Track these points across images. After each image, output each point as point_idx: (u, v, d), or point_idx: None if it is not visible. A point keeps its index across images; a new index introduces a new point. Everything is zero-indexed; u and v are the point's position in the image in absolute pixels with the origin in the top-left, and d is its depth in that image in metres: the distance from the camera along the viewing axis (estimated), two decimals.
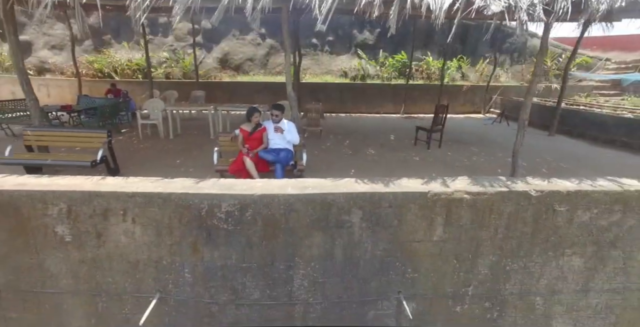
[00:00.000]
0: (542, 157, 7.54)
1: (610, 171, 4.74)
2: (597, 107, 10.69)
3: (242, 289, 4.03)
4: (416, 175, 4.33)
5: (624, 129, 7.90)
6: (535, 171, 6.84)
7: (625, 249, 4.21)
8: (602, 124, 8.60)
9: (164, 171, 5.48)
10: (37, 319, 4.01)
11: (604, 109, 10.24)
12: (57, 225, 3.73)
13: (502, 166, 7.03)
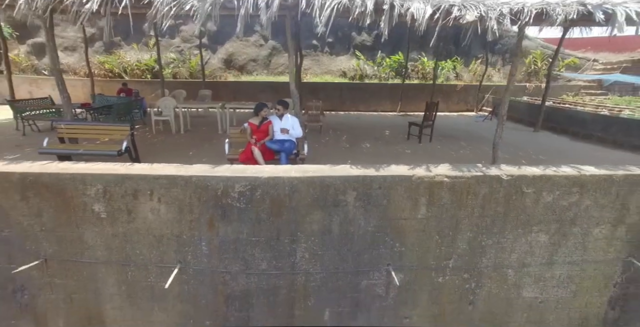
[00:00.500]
0: (524, 150, 8.09)
1: (579, 162, 5.28)
2: (581, 106, 11.23)
3: (252, 260, 4.60)
4: (405, 164, 4.90)
5: (600, 125, 8.45)
6: (515, 162, 7.38)
7: (582, 226, 4.78)
8: (582, 121, 9.16)
9: (179, 161, 6.05)
10: (76, 285, 4.58)
11: (587, 107, 10.79)
12: (94, 203, 4.30)
13: (485, 158, 7.57)
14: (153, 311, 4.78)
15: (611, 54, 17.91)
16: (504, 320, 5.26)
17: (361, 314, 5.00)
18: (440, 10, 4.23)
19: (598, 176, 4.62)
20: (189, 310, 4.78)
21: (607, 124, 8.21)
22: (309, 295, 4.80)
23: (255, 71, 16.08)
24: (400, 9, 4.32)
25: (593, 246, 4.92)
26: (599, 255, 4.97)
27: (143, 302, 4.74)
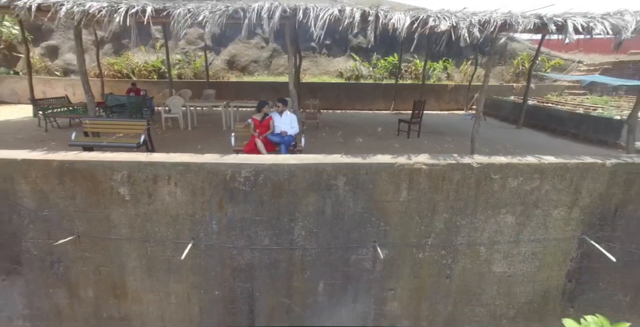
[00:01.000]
0: (503, 145, 8.72)
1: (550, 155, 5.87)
2: (562, 105, 11.85)
3: (255, 237, 5.23)
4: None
5: (575, 122, 9.07)
6: (493, 156, 8.04)
7: (543, 208, 5.41)
8: (560, 118, 9.77)
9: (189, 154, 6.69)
10: (104, 259, 5.22)
11: (566, 106, 11.40)
12: (120, 187, 4.93)
13: (466, 151, 8.07)
14: (169, 282, 5.41)
15: (600, 55, 18.57)
16: (477, 292, 5.89)
17: (351, 286, 5.63)
18: (418, 20, 4.86)
19: (555, 163, 5.26)
20: (200, 281, 5.41)
21: (580, 122, 8.83)
22: (305, 268, 5.44)
23: (256, 72, 16.69)
24: (384, 19, 4.95)
25: (553, 226, 5.55)
26: (558, 233, 5.60)
27: (160, 274, 5.37)
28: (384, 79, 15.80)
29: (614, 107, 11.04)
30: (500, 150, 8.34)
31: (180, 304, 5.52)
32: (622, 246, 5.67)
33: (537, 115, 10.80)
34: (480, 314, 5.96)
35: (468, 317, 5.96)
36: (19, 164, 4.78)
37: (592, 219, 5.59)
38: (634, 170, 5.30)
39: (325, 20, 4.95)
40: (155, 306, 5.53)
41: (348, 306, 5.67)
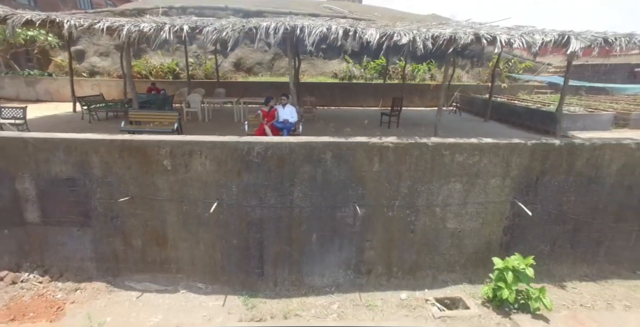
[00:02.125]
0: (467, 134, 10.18)
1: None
2: (525, 102, 13.34)
3: (264, 198, 6.73)
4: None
5: (528, 116, 10.52)
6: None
7: (483, 178, 6.91)
8: (518, 113, 11.24)
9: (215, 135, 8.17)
10: (150, 215, 6.72)
11: (527, 103, 12.88)
12: (164, 160, 6.43)
13: None
14: (199, 233, 6.91)
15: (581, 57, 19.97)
16: (435, 244, 7.38)
17: (337, 237, 7.13)
18: (385, 35, 6.34)
19: (490, 143, 6.77)
20: (223, 232, 6.91)
21: (533, 115, 10.29)
22: (302, 223, 6.94)
23: (260, 73, 18.13)
24: (360, 34, 6.44)
25: (491, 192, 7.06)
26: (495, 198, 7.11)
27: (192, 227, 6.87)
28: (374, 79, 17.28)
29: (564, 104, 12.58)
30: (463, 137, 9.85)
31: (207, 251, 7.02)
32: (543, 207, 7.20)
33: (502, 110, 12.29)
34: (438, 261, 7.45)
35: (429, 264, 7.45)
36: (92, 143, 6.29)
37: (520, 186, 7.10)
38: (547, 148, 6.83)
39: (316, 35, 6.45)
40: (187, 252, 7.03)
41: (335, 253, 7.18)
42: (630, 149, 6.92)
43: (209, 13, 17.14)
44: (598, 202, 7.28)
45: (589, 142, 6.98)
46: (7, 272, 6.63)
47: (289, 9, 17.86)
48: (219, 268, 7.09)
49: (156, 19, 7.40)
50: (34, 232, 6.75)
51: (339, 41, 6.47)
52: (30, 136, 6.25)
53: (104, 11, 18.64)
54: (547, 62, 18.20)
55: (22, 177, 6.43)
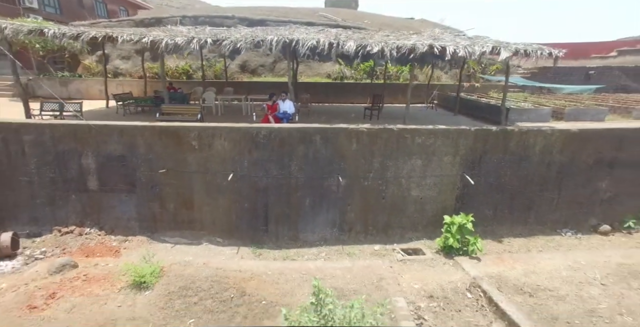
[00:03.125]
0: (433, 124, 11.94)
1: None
2: (489, 99, 15.05)
3: (269, 170, 8.48)
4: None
5: (487, 110, 12.21)
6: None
7: (438, 156, 8.65)
8: (481, 107, 12.94)
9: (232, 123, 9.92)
10: (181, 184, 8.45)
11: (491, 100, 14.60)
12: (192, 141, 8.17)
13: None
14: (218, 198, 8.66)
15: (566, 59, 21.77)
16: (402, 208, 9.13)
17: (325, 202, 8.87)
18: (360, 46, 8.09)
19: (443, 129, 8.52)
20: (237, 197, 8.66)
21: (491, 109, 11.98)
22: (298, 190, 8.69)
23: (263, 74, 19.77)
24: (342, 45, 8.19)
25: (445, 166, 8.81)
26: (448, 171, 8.87)
27: (213, 193, 8.62)
28: (363, 79, 18.98)
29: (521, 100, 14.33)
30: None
31: (224, 212, 8.77)
32: (485, 179, 8.95)
33: (468, 105, 14.00)
34: (405, 222, 9.19)
35: (397, 224, 9.19)
36: (138, 128, 8.04)
37: (467, 162, 8.86)
38: (487, 133, 8.59)
39: (307, 47, 8.19)
40: (209, 214, 8.78)
41: (323, 214, 8.94)
42: (547, 134, 8.70)
43: (218, 21, 18.81)
44: (527, 175, 9.05)
45: (517, 129, 8.77)
46: (75, 227, 8.38)
47: (288, 18, 19.53)
48: (234, 226, 8.84)
49: (185, 33, 9.15)
50: (93, 198, 8.50)
51: (326, 51, 8.21)
52: (93, 123, 8.00)
53: (124, 20, 20.30)
54: (516, 65, 19.92)
55: (86, 155, 8.17)
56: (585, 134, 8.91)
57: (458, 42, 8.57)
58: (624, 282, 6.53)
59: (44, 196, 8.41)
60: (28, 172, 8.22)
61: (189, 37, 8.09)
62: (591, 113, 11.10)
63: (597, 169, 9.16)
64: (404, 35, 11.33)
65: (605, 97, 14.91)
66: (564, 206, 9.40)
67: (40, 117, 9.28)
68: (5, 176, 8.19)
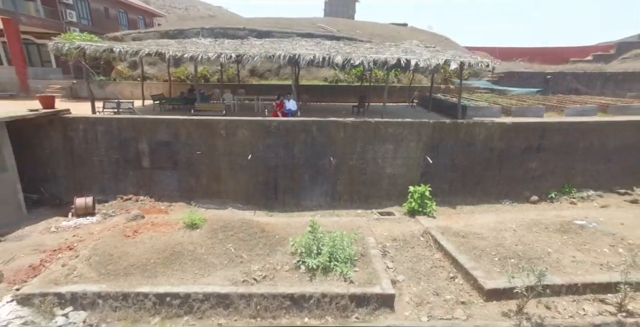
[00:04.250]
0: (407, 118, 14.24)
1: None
2: None
3: (278, 152, 10.79)
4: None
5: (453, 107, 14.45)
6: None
7: (406, 142, 10.93)
8: (448, 106, 15.20)
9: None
10: (212, 163, 10.73)
11: None
12: (221, 130, 10.49)
13: None
14: (239, 174, 10.96)
15: (543, 64, 24.24)
16: (379, 182, 11.42)
17: (320, 177, 11.20)
18: (346, 60, 10.42)
19: (409, 121, 10.84)
20: (253, 173, 10.97)
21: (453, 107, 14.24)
22: (300, 168, 11.02)
23: (269, 77, 22.02)
24: (333, 59, 10.51)
25: (411, 150, 11.11)
26: (413, 154, 11.18)
27: (236, 170, 10.93)
28: (354, 82, 21.26)
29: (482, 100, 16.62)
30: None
31: (244, 185, 11.08)
32: (442, 160, 11.26)
33: (440, 104, 16.26)
34: (381, 193, 11.47)
35: (375, 194, 11.46)
36: (181, 120, 10.37)
37: (427, 147, 11.16)
38: (442, 125, 10.89)
39: (307, 60, 10.50)
40: (232, 187, 11.09)
41: (319, 187, 11.26)
42: (489, 126, 11.03)
43: (231, 33, 21.02)
44: (474, 158, 11.36)
45: (465, 121, 11.11)
46: (132, 195, 10.70)
47: (291, 29, 21.74)
48: (251, 195, 11.16)
49: (210, 46, 11.47)
50: (145, 174, 10.83)
51: (321, 64, 10.54)
52: (148, 117, 10.34)
53: (151, 31, 22.53)
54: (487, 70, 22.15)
55: (141, 141, 10.50)
56: (517, 126, 11.25)
57: (422, 55, 10.87)
58: (528, 229, 8.86)
59: (110, 172, 10.75)
60: (99, 154, 10.56)
61: (218, 52, 10.40)
62: (533, 111, 13.40)
63: (527, 153, 11.49)
64: (384, 48, 13.65)
65: (548, 98, 17.16)
66: (504, 182, 11.73)
67: (103, 113, 11.62)
68: (83, 157, 10.53)
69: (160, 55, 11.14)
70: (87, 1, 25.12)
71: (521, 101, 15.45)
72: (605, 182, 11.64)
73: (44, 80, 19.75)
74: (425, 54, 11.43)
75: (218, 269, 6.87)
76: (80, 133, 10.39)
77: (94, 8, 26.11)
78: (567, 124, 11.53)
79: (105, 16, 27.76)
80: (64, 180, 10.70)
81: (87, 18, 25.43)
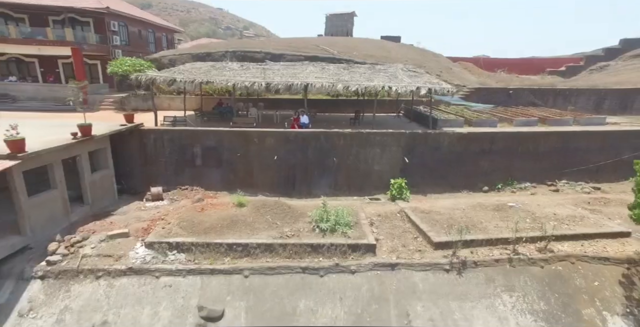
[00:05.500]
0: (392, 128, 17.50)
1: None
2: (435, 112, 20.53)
3: (296, 154, 13.90)
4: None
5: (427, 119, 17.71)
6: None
7: (389, 147, 14.08)
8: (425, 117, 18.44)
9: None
10: (247, 162, 13.92)
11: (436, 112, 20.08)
12: (254, 138, 13.71)
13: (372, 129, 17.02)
14: (267, 171, 14.16)
15: (522, 75, 27.52)
16: (370, 177, 14.59)
17: (325, 173, 14.45)
18: (345, 87, 13.69)
19: (391, 131, 14.10)
20: (277, 170, 14.13)
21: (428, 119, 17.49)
22: (310, 166, 14.20)
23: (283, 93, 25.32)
24: (335, 86, 13.79)
25: (393, 152, 14.33)
26: (395, 155, 14.42)
27: (264, 168, 14.13)
28: (352, 96, 24.56)
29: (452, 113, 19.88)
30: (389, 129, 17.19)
31: (270, 179, 14.28)
32: (416, 160, 14.52)
33: (419, 116, 19.49)
34: (371, 186, 14.66)
35: (367, 186, 14.65)
36: (224, 131, 13.66)
37: (405, 150, 14.39)
38: (415, 134, 14.15)
39: (315, 86, 13.79)
40: (261, 180, 14.31)
41: (325, 180, 14.48)
42: (450, 135, 14.29)
43: (249, 55, 24.22)
44: (440, 158, 14.61)
45: (433, 131, 14.40)
46: (188, 186, 13.93)
47: (300, 52, 24.91)
48: (275, 186, 14.36)
49: (239, 70, 14.74)
50: (198, 170, 14.07)
51: (323, 89, 13.83)
52: (200, 129, 13.63)
53: (185, 54, 25.76)
54: (462, 85, 25.36)
55: (195, 146, 13.75)
56: (472, 135, 14.52)
57: (402, 81, 14.16)
58: (473, 208, 12.09)
59: (171, 169, 14.00)
60: (164, 156, 13.82)
61: (252, 81, 13.68)
62: (488, 122, 16.66)
63: (480, 155, 14.75)
64: (375, 73, 16.92)
65: (502, 111, 20.39)
66: (463, 176, 14.96)
67: (163, 124, 14.90)
68: (153, 158, 13.78)
69: (209, 83, 14.41)
70: (126, 27, 28.36)
71: (481, 114, 18.71)
72: (537, 176, 14.90)
73: (97, 95, 23.01)
74: (405, 81, 14.73)
75: (262, 231, 10.14)
76: (152, 141, 13.67)
77: (131, 31, 29.35)
78: (509, 133, 14.82)
79: (138, 37, 31.00)
80: (139, 175, 13.96)
81: (126, 40, 28.66)
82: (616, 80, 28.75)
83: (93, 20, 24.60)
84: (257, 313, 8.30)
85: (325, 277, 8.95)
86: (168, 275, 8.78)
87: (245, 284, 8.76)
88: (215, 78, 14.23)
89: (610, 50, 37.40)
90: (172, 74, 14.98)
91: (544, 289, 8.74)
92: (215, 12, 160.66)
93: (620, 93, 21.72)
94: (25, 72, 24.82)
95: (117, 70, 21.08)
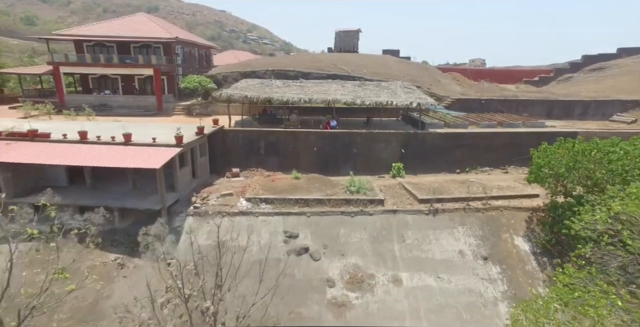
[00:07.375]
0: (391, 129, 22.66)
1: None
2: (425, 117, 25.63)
3: (328, 147, 19.20)
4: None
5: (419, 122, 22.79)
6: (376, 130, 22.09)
7: (390, 142, 19.28)
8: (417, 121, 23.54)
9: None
10: (295, 152, 19.14)
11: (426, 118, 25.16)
12: (301, 136, 19.05)
13: None
14: (309, 158, 19.39)
15: (501, 85, 32.41)
16: (379, 162, 19.82)
17: (349, 159, 19.71)
18: (361, 101, 18.88)
19: (392, 132, 19.34)
20: (316, 157, 19.38)
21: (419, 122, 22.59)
22: (338, 155, 19.43)
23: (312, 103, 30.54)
24: (354, 100, 19.01)
25: (393, 146, 19.48)
26: (395, 148, 19.58)
27: (307, 156, 19.21)
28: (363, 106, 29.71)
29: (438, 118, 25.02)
30: (390, 130, 22.42)
31: (311, 163, 19.30)
32: (410, 152, 19.75)
33: (414, 120, 24.56)
34: (379, 168, 19.74)
35: (377, 168, 19.68)
36: (281, 131, 19.00)
37: (402, 144, 19.54)
38: (408, 134, 19.32)
39: (341, 102, 18.99)
40: (304, 164, 19.29)
41: (348, 164, 19.63)
42: (433, 134, 19.49)
43: (284, 73, 29.39)
44: (426, 150, 19.77)
45: (421, 132, 19.63)
46: (254, 168, 19.29)
47: (323, 71, 29.93)
48: (314, 168, 19.42)
49: (283, 87, 19.97)
50: (261, 158, 19.35)
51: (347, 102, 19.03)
52: (264, 129, 18.98)
53: (235, 71, 30.98)
54: (447, 96, 30.35)
55: (260, 141, 19.02)
56: (449, 134, 19.69)
57: (400, 97, 19.36)
58: (446, 182, 17.26)
59: (243, 157, 19.28)
60: (239, 147, 19.11)
61: (299, 97, 18.94)
62: (462, 125, 21.77)
63: (454, 148, 19.86)
64: (381, 90, 22.11)
65: (472, 116, 25.44)
66: (443, 163, 20.07)
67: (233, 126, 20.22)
68: (230, 149, 19.05)
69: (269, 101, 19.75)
70: (182, 48, 33.72)
71: (457, 118, 23.87)
72: (494, 163, 20.04)
73: (168, 103, 28.41)
74: (402, 96, 19.93)
75: (314, 192, 15.44)
76: (230, 138, 18.99)
77: (186, 51, 34.71)
78: (475, 133, 19.97)
79: (190, 55, 36.32)
80: (221, 160, 19.28)
81: (182, 59, 34.07)
82: (575, 90, 33.90)
83: (162, 45, 29.94)
84: (316, 236, 13.63)
85: (355, 217, 14.26)
86: (263, 215, 14.13)
87: (308, 221, 14.09)
88: (274, 95, 19.51)
89: (574, 64, 42.32)
90: (243, 91, 20.21)
91: (482, 224, 13.99)
92: (219, 15, 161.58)
93: (565, 103, 26.72)
94: (110, 86, 30.28)
95: (189, 85, 26.45)
